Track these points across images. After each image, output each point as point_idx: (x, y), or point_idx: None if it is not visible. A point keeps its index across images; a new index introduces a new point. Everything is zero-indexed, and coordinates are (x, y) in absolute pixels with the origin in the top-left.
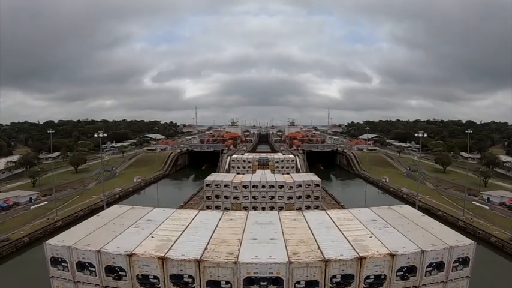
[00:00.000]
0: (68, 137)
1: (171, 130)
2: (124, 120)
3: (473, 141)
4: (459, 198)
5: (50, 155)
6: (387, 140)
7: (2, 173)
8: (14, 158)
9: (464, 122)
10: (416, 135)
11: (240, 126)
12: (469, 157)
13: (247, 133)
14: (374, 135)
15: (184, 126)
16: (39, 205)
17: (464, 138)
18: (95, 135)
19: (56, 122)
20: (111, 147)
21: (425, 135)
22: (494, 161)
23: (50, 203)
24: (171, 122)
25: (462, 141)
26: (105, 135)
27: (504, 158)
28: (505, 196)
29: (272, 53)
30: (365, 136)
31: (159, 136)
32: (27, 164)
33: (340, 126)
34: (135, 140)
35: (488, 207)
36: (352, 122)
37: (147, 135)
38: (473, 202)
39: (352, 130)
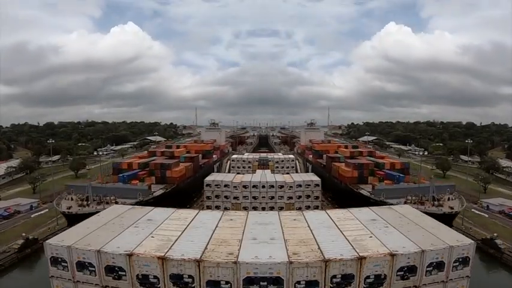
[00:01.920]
0: (67, 140)
1: (171, 132)
2: (124, 121)
3: (473, 144)
4: None
5: (50, 159)
6: (387, 143)
7: (2, 178)
8: (15, 162)
9: (464, 123)
10: (416, 153)
11: (224, 130)
12: (469, 160)
13: (248, 134)
14: (374, 138)
15: (185, 127)
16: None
17: (464, 142)
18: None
19: (56, 123)
20: (111, 150)
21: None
22: (493, 166)
23: (51, 211)
24: (171, 123)
25: (462, 144)
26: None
27: (504, 162)
28: (504, 204)
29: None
30: (365, 138)
31: (159, 138)
32: (27, 168)
33: (340, 127)
34: (135, 143)
35: (487, 215)
36: (352, 123)
37: (147, 137)
38: (473, 210)
39: (352, 132)
